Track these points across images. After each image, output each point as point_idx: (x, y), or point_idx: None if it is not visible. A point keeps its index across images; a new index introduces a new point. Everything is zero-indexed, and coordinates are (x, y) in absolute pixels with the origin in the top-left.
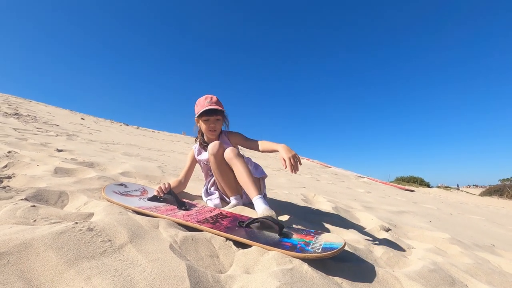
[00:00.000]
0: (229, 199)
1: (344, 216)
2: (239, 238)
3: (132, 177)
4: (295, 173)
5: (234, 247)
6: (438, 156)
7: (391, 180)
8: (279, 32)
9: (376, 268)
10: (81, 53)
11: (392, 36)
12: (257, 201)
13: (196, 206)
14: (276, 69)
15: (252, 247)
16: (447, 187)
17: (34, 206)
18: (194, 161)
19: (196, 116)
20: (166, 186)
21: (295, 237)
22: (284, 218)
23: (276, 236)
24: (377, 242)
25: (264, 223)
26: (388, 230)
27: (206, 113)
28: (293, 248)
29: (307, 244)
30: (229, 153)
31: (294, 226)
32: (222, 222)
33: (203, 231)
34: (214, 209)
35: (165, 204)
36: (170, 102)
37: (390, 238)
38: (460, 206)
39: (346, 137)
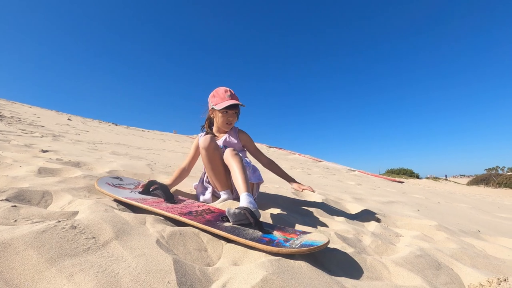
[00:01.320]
0: (220, 194)
1: (334, 207)
2: (214, 230)
3: (120, 175)
4: (314, 191)
5: (223, 240)
6: (427, 148)
7: (382, 173)
8: (264, 33)
9: (364, 256)
10: (67, 54)
11: (381, 29)
12: (243, 196)
13: (185, 201)
14: (262, 66)
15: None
16: (435, 178)
17: (15, 206)
18: (198, 150)
19: (213, 107)
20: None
21: (277, 234)
22: (274, 211)
23: (258, 233)
24: (366, 232)
25: (240, 215)
26: (377, 219)
27: (229, 107)
28: (270, 242)
29: (287, 240)
30: (227, 153)
31: (279, 225)
32: (205, 216)
33: (185, 223)
34: (203, 205)
35: (153, 197)
36: (160, 102)
37: (379, 227)
38: (448, 195)
39: (337, 132)
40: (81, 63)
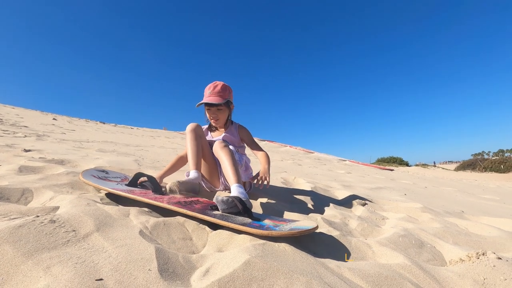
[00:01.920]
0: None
1: (322, 194)
2: (204, 216)
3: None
4: (261, 187)
5: (207, 228)
6: (416, 136)
7: (373, 162)
8: (254, 28)
9: (350, 238)
10: (51, 54)
11: (368, 21)
12: (233, 187)
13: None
14: (252, 61)
15: (226, 228)
16: (424, 165)
17: None
18: None
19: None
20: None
21: (267, 221)
22: (263, 200)
23: (248, 220)
24: (352, 216)
25: (228, 202)
26: (364, 204)
27: (206, 104)
28: (259, 227)
29: (276, 226)
30: (216, 146)
31: (268, 215)
32: (194, 205)
33: (172, 214)
34: (191, 196)
35: (141, 189)
36: (149, 100)
37: (365, 211)
38: (435, 180)
39: (328, 124)
40: (65, 62)
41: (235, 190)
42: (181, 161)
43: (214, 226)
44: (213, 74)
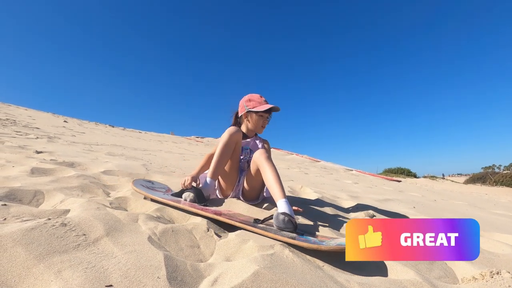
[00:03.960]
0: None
1: (329, 204)
2: (257, 230)
3: (115, 175)
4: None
5: (215, 236)
6: (424, 147)
7: (380, 172)
8: (264, 38)
9: None
10: (64, 55)
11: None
12: (281, 202)
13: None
14: (262, 71)
15: (232, 235)
16: (433, 177)
17: (5, 205)
18: None
19: (250, 110)
20: (188, 182)
21: (311, 236)
22: (273, 210)
23: (294, 234)
24: None
25: (288, 223)
26: (372, 216)
27: (267, 111)
28: (307, 241)
29: (322, 241)
30: (261, 153)
31: (315, 232)
32: (239, 217)
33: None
34: (232, 211)
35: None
36: (157, 105)
37: None
38: (445, 193)
39: (335, 132)
40: (78, 66)
41: (284, 207)
42: (211, 159)
43: (222, 233)
44: (218, 80)
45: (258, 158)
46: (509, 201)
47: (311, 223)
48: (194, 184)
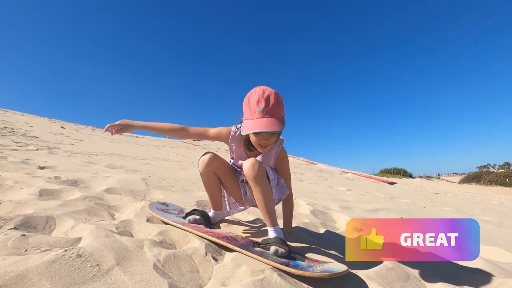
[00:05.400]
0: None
1: (320, 219)
2: (250, 254)
3: (117, 193)
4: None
5: (212, 261)
6: (420, 146)
7: (376, 173)
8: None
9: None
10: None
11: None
12: (270, 231)
13: (220, 228)
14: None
15: (228, 260)
16: (428, 177)
17: (24, 235)
18: (220, 139)
19: (239, 125)
20: (116, 123)
21: (301, 260)
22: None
23: (285, 260)
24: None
25: (283, 254)
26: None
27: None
28: (295, 267)
29: (310, 266)
30: (249, 170)
31: (306, 255)
32: (239, 241)
33: (223, 246)
34: (233, 233)
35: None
36: (153, 107)
37: None
38: (436, 198)
39: (332, 133)
40: (71, 67)
41: (273, 236)
42: (180, 132)
43: (218, 257)
44: (214, 80)
45: (247, 176)
46: (501, 202)
47: (303, 244)
48: (114, 129)
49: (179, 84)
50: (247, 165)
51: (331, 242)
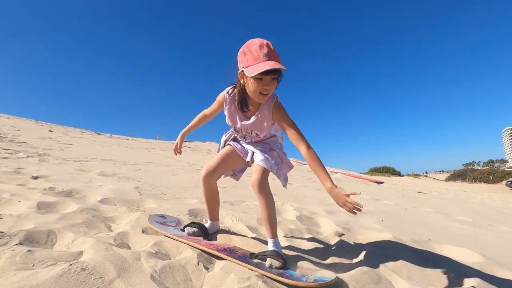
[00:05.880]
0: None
1: (306, 225)
2: (248, 265)
3: (112, 203)
4: (355, 213)
5: (204, 270)
6: (409, 145)
7: (366, 172)
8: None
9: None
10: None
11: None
12: (269, 243)
13: (217, 239)
14: None
15: (218, 268)
16: (416, 175)
17: (29, 250)
18: (221, 106)
19: (244, 70)
20: (177, 142)
21: (294, 270)
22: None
23: (281, 271)
24: (328, 249)
25: (279, 267)
26: (341, 235)
27: (265, 72)
28: (290, 277)
29: (303, 276)
30: (254, 184)
31: (298, 263)
32: (237, 252)
33: (220, 257)
34: (231, 245)
35: (193, 233)
36: (143, 107)
37: (340, 243)
38: (419, 198)
39: (324, 132)
40: (59, 69)
41: (271, 250)
42: (204, 119)
43: (210, 266)
44: (210, 80)
45: (253, 188)
46: (482, 200)
47: (291, 252)
48: (179, 140)
49: (179, 84)
50: (255, 178)
51: (315, 249)
